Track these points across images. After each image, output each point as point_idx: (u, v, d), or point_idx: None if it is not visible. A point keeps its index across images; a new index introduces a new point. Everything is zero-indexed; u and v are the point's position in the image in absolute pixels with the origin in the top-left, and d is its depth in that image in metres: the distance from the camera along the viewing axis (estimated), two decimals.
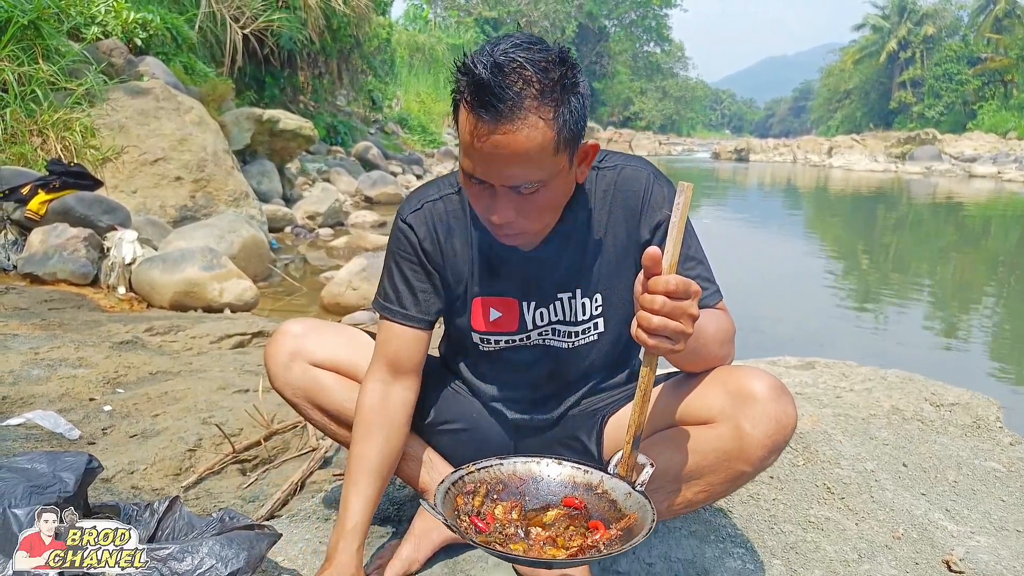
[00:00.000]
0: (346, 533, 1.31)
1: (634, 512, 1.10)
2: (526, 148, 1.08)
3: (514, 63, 1.06)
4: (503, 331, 1.40)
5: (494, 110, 1.06)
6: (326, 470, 2.07)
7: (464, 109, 1.10)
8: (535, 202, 1.17)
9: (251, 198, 7.39)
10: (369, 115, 19.15)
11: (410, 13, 31.41)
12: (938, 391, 2.54)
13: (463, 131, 1.12)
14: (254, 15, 11.59)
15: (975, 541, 1.74)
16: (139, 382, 2.78)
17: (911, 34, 48.97)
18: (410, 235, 1.37)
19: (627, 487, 1.13)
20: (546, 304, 1.38)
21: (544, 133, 1.08)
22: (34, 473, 1.24)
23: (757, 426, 1.16)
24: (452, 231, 1.37)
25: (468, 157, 1.14)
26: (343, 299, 5.21)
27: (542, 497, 1.19)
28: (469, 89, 1.08)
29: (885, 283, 7.99)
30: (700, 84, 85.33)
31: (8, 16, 6.22)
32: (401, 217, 1.39)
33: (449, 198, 1.38)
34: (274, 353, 1.46)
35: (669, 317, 1.00)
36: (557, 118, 1.09)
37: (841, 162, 32.51)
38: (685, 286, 1.00)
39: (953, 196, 18.71)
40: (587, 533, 1.11)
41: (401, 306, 1.38)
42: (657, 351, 1.03)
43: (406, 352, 1.39)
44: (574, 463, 1.21)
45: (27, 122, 6.08)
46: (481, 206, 1.20)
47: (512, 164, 1.10)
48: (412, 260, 1.38)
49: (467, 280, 1.39)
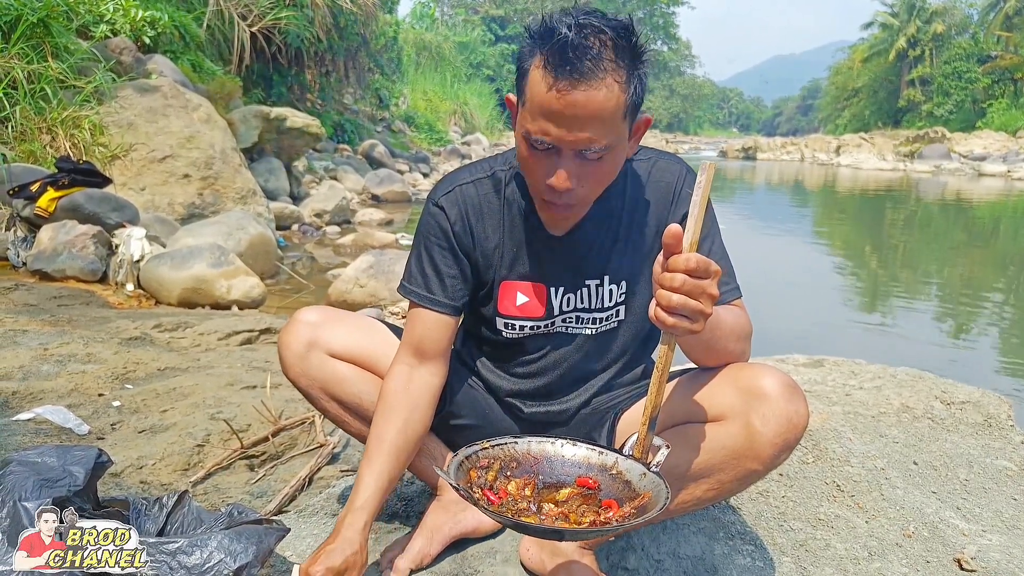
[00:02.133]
0: (354, 509, 1.29)
1: (648, 491, 1.09)
2: (602, 108, 1.11)
3: (594, 26, 1.11)
4: (529, 316, 1.41)
5: (577, 69, 1.08)
6: (334, 466, 2.08)
7: (542, 70, 1.11)
8: (597, 170, 1.19)
9: (259, 196, 7.41)
10: (376, 113, 19.17)
11: (417, 11, 31.42)
12: (949, 389, 2.52)
13: (536, 94, 1.13)
14: (262, 13, 11.62)
15: (986, 539, 1.72)
16: (148, 378, 2.79)
17: (920, 32, 48.66)
18: (441, 218, 1.37)
19: (642, 468, 1.12)
20: (574, 290, 1.39)
21: (618, 96, 1.12)
22: (44, 467, 1.25)
23: (768, 424, 1.15)
24: (484, 215, 1.38)
25: (539, 120, 1.14)
26: (350, 296, 5.21)
27: (556, 476, 1.18)
28: (551, 48, 1.10)
29: (894, 281, 7.95)
30: (707, 82, 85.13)
31: (18, 14, 6.25)
32: (433, 200, 1.39)
33: (481, 182, 1.39)
34: (290, 342, 1.43)
35: (689, 296, 0.99)
36: (629, 82, 1.13)
37: (849, 161, 32.34)
38: (705, 265, 0.99)
39: (962, 195, 18.60)
40: (600, 511, 1.10)
41: (428, 290, 1.37)
42: (676, 331, 1.02)
43: (431, 336, 1.37)
44: (589, 444, 1.20)
45: (36, 120, 6.10)
46: (540, 173, 1.20)
47: (587, 125, 1.12)
48: (442, 244, 1.38)
49: (496, 264, 1.40)
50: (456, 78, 26.34)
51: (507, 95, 1.32)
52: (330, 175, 12.10)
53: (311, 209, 9.39)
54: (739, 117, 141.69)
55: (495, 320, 1.43)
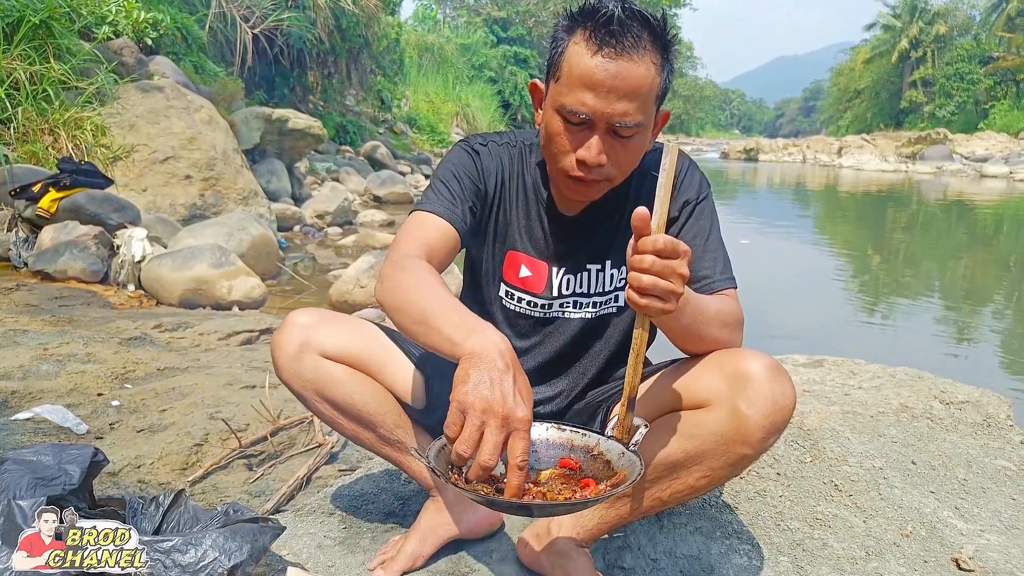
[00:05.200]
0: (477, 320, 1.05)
1: (624, 469, 1.11)
2: (640, 83, 1.17)
3: (636, 11, 1.19)
4: (529, 290, 1.44)
5: (620, 42, 1.15)
6: (332, 465, 2.08)
7: (586, 41, 1.17)
8: (626, 148, 1.24)
9: (260, 197, 7.42)
10: (378, 115, 19.17)
11: (419, 13, 31.43)
12: (948, 389, 2.51)
13: (577, 65, 1.18)
14: (264, 15, 11.65)
15: (985, 539, 1.72)
16: (147, 378, 2.79)
17: (923, 33, 48.63)
18: (475, 157, 1.40)
19: (621, 447, 1.14)
20: (574, 272, 1.43)
21: (654, 77, 1.19)
22: (39, 465, 1.25)
23: (754, 407, 1.15)
24: (509, 178, 1.42)
25: (578, 90, 1.18)
26: (351, 297, 5.21)
27: (540, 460, 1.19)
28: (597, 22, 1.17)
29: (894, 282, 7.94)
30: (709, 84, 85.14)
31: (20, 15, 6.26)
32: (469, 144, 1.42)
33: (512, 148, 1.44)
34: (283, 344, 1.39)
35: (659, 276, 1.01)
36: (663, 67, 1.21)
37: (851, 162, 32.31)
38: (673, 245, 1.01)
39: (964, 196, 18.57)
40: (577, 489, 1.11)
41: (437, 203, 1.34)
42: (649, 311, 1.04)
43: (438, 246, 1.29)
44: (573, 427, 1.21)
45: (38, 121, 6.11)
46: (571, 147, 1.23)
47: (625, 98, 1.17)
48: (468, 175, 1.38)
49: (507, 231, 1.43)
50: (458, 80, 26.33)
51: (532, 80, 1.35)
52: (332, 176, 12.11)
53: (313, 210, 9.40)
54: (741, 118, 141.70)
55: (499, 287, 1.45)
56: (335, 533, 1.60)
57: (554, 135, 1.25)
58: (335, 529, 1.62)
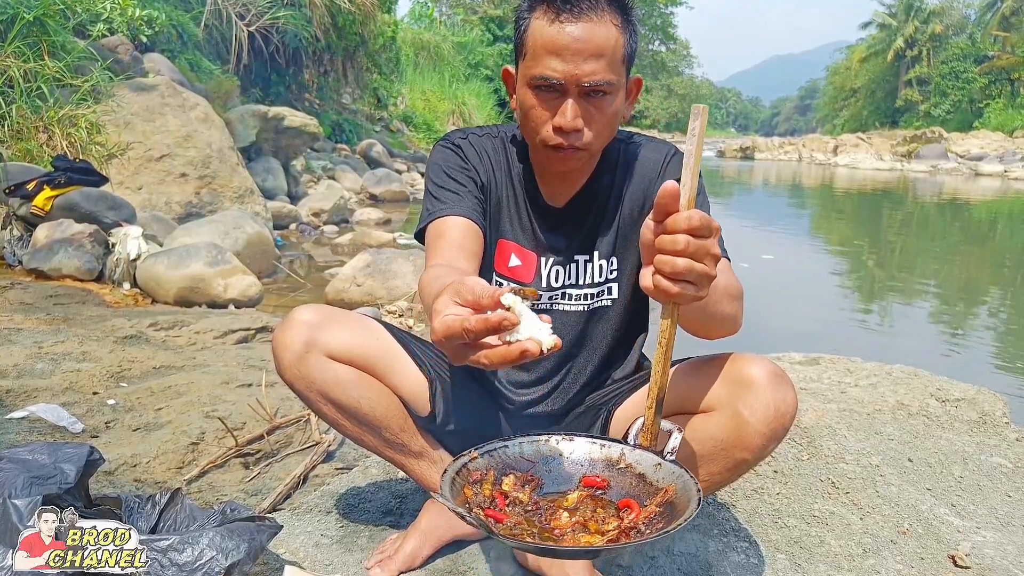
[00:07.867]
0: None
1: (670, 484, 0.96)
2: (604, 42, 1.20)
3: None
4: (519, 279, 1.43)
5: (577, 6, 1.19)
6: (329, 464, 2.07)
7: (544, 15, 1.21)
8: (602, 111, 1.25)
9: (256, 195, 7.39)
10: (374, 113, 19.13)
11: (415, 11, 31.36)
12: (944, 387, 2.52)
13: (540, 36, 1.22)
14: (259, 12, 11.61)
15: (981, 536, 1.72)
16: (143, 376, 2.78)
17: (918, 32, 48.70)
18: (457, 151, 1.41)
19: (655, 457, 1.01)
20: (563, 264, 1.42)
21: (617, 36, 1.22)
22: (35, 464, 1.24)
23: (756, 413, 1.14)
24: (498, 165, 1.43)
25: (544, 58, 1.21)
26: (347, 295, 5.20)
27: (558, 479, 1.05)
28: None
29: (891, 280, 7.95)
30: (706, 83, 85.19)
31: (14, 12, 6.24)
32: (450, 140, 1.42)
33: (492, 139, 1.44)
34: (288, 342, 1.31)
35: (693, 258, 0.88)
36: (625, 29, 1.24)
37: (847, 160, 32.35)
38: (708, 222, 0.89)
39: (959, 195, 18.62)
40: (620, 514, 0.97)
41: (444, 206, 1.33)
42: (682, 299, 0.92)
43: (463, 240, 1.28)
44: (588, 437, 1.08)
45: (33, 118, 6.08)
46: (547, 115, 1.25)
47: (592, 57, 1.20)
48: (459, 169, 1.38)
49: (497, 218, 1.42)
50: (454, 78, 26.28)
51: (504, 67, 1.38)
52: (328, 174, 12.08)
53: (309, 208, 9.37)
54: (737, 117, 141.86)
55: (490, 278, 1.44)
56: (332, 531, 1.60)
57: (529, 109, 1.26)
58: (332, 527, 1.62)
